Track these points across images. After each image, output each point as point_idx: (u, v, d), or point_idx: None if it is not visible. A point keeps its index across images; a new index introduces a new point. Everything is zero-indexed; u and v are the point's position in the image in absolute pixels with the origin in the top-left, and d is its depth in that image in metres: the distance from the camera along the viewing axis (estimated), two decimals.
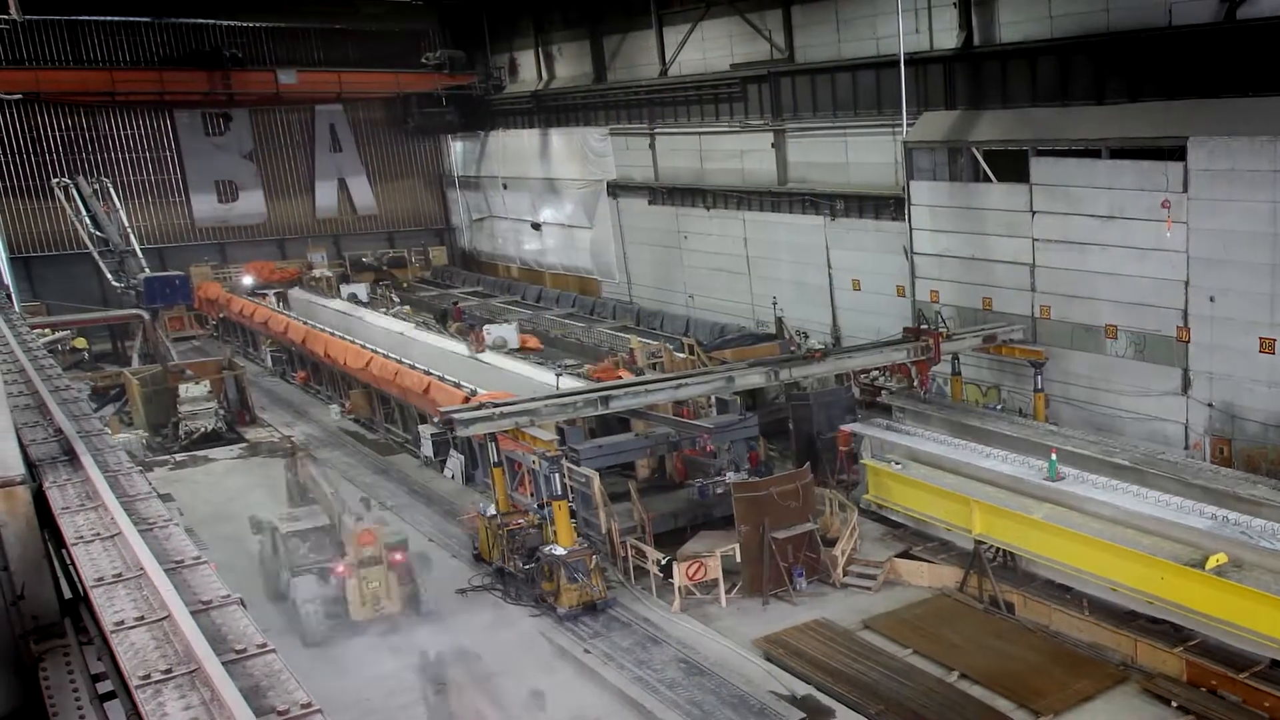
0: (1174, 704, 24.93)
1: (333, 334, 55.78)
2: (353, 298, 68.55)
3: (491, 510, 33.86)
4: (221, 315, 71.30)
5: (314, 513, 33.41)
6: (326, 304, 66.10)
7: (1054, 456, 30.74)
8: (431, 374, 44.43)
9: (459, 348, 50.80)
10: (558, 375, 40.96)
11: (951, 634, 28.75)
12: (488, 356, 48.38)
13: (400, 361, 47.58)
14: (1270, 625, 24.36)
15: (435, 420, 43.69)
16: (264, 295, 69.88)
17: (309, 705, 8.05)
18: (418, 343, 53.05)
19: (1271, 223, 31.68)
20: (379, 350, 50.26)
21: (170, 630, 9.40)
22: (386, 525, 33.15)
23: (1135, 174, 35.32)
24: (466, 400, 39.85)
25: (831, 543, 33.12)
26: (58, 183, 64.67)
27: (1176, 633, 26.80)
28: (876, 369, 39.65)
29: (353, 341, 53.33)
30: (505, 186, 78.99)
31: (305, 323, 59.20)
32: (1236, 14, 33.11)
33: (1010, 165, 39.54)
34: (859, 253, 48.45)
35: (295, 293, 70.38)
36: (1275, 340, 32.21)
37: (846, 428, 38.39)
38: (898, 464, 34.59)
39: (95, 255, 64.15)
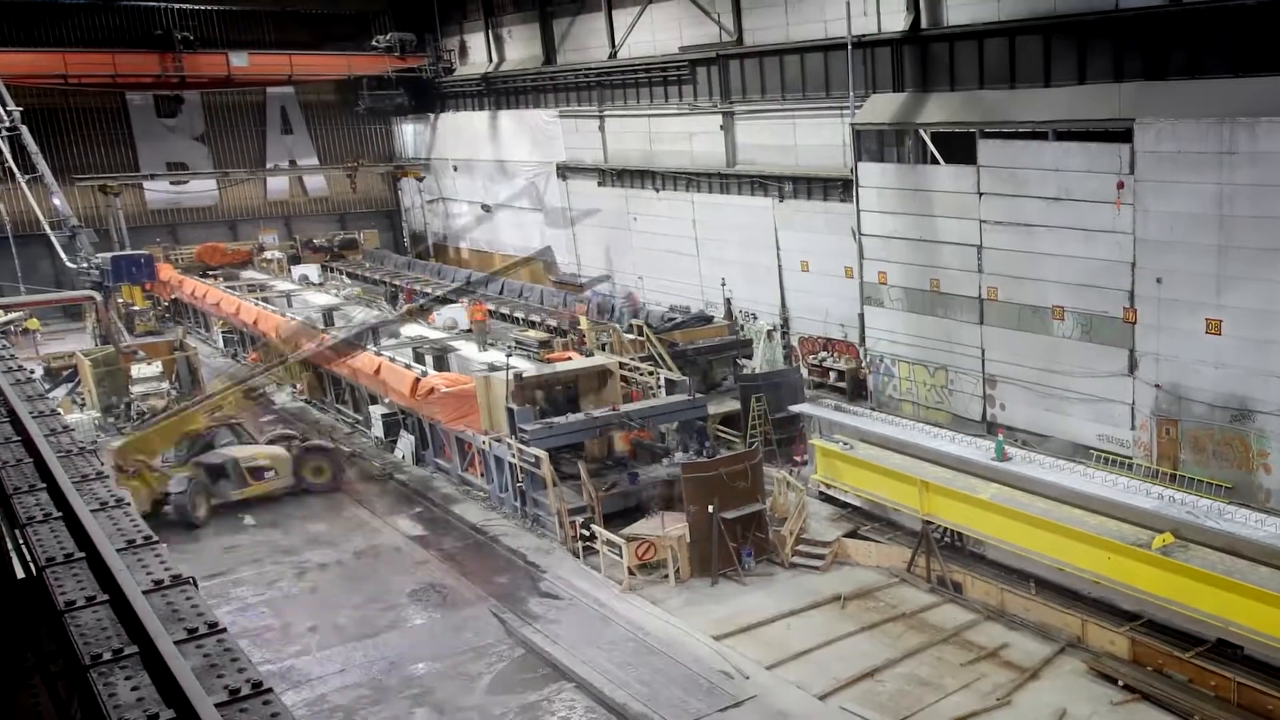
0: (1120, 683, 24.68)
1: (284, 315, 55.16)
2: (304, 279, 68.24)
3: None
4: (173, 296, 70.77)
5: None
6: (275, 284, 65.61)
7: (1000, 437, 30.45)
8: (382, 355, 43.88)
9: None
10: (507, 356, 40.59)
11: None
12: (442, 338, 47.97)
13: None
14: (1215, 604, 24.08)
15: (386, 400, 43.43)
16: (215, 277, 69.46)
17: (259, 684, 7.83)
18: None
19: (1218, 205, 31.37)
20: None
21: (122, 610, 9.06)
22: None
23: (1082, 156, 34.97)
24: (417, 382, 39.54)
25: (780, 523, 32.84)
26: None
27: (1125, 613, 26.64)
28: None
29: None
30: (456, 169, 78.48)
31: (257, 304, 58.53)
32: None
33: (958, 147, 39.07)
34: (807, 234, 48.03)
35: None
36: (1221, 321, 31.96)
37: (795, 408, 38.18)
38: (846, 444, 34.27)
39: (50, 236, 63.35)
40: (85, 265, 57.96)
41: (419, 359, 42.33)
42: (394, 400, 42.67)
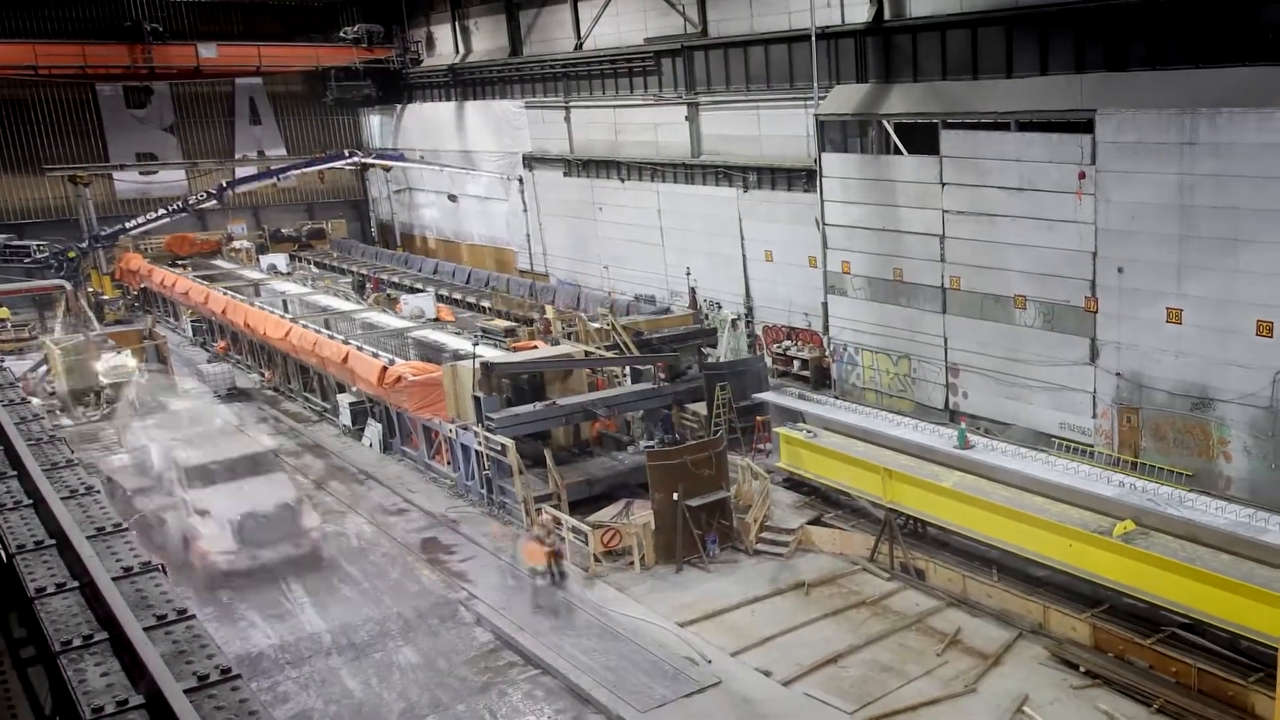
0: (1082, 669, 24.50)
1: (252, 304, 54.83)
2: (272, 268, 67.97)
3: None
4: (143, 285, 70.22)
5: None
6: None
7: (963, 425, 30.29)
8: (350, 344, 43.59)
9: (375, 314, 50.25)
10: (474, 345, 40.27)
11: None
12: (410, 327, 47.67)
13: (319, 332, 46.69)
14: (1176, 591, 23.91)
15: (353, 389, 43.14)
16: (184, 267, 69.07)
17: (228, 670, 7.95)
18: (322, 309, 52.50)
19: (1179, 195, 31.20)
20: (302, 321, 49.55)
21: (92, 596, 9.24)
22: None
23: (1044, 146, 34.76)
24: (384, 370, 39.22)
25: (745, 510, 32.57)
26: None
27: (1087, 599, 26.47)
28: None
29: (272, 312, 52.55)
30: (422, 159, 78.00)
31: (225, 293, 58.05)
32: None
33: (921, 138, 38.85)
34: (771, 224, 47.74)
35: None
36: (1182, 311, 31.82)
37: (760, 396, 38.01)
38: (810, 432, 34.07)
39: None
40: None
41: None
42: (361, 389, 42.36)
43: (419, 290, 60.52)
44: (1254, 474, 31.12)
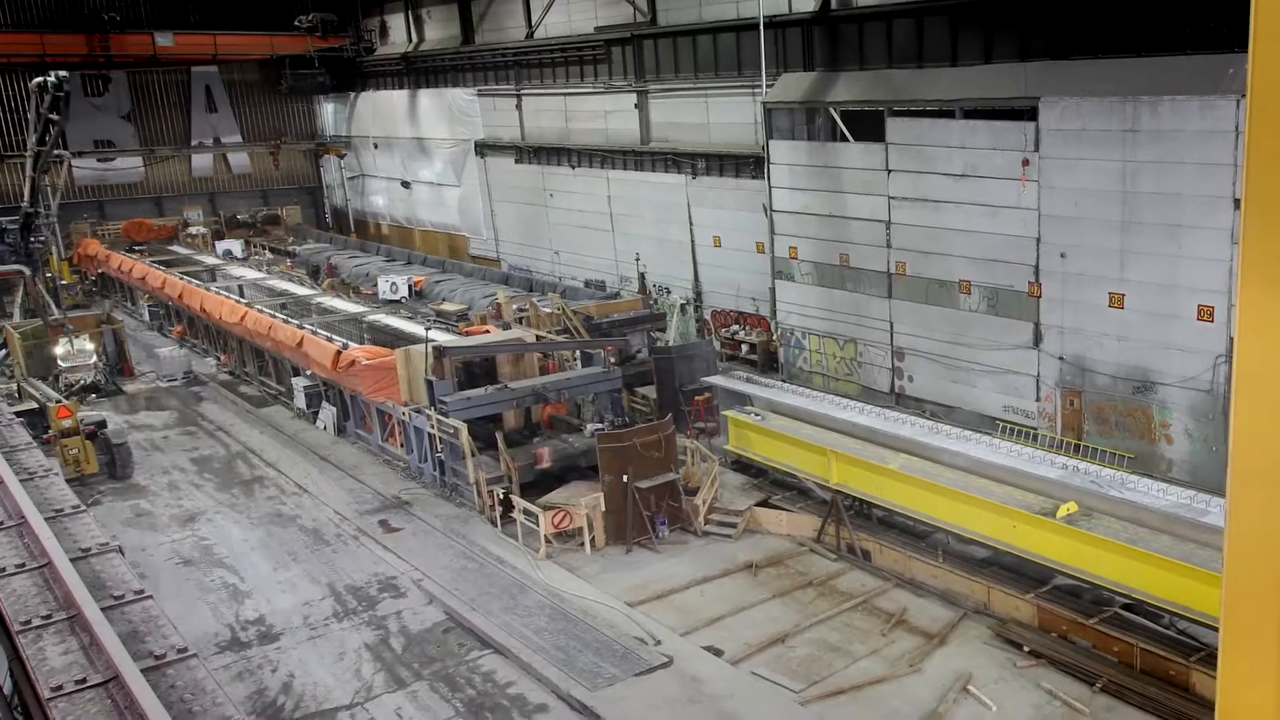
0: (1025, 649, 24.24)
1: (208, 289, 54.23)
2: (228, 254, 67.46)
3: None
4: (100, 271, 69.61)
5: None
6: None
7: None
8: (305, 328, 43.04)
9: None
10: (426, 329, 39.85)
11: None
12: (364, 312, 47.18)
13: (274, 316, 46.13)
14: (1118, 571, 23.75)
15: (307, 373, 42.67)
16: (141, 252, 68.50)
17: (184, 649, 8.27)
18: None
19: (1121, 181, 31.01)
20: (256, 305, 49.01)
21: (50, 577, 9.60)
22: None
23: (988, 134, 34.49)
24: (339, 355, 38.78)
25: (693, 492, 32.24)
26: None
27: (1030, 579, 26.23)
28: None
29: (227, 296, 51.99)
30: (376, 146, 77.58)
31: (181, 278, 57.33)
32: None
33: (867, 125, 38.47)
34: (720, 210, 47.34)
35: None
36: (1124, 295, 31.64)
37: (708, 380, 37.73)
38: (757, 415, 33.76)
39: None
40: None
41: None
42: (315, 372, 41.84)
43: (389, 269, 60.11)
44: (1195, 457, 30.98)
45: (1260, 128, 7.54)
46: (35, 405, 38.41)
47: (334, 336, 41.51)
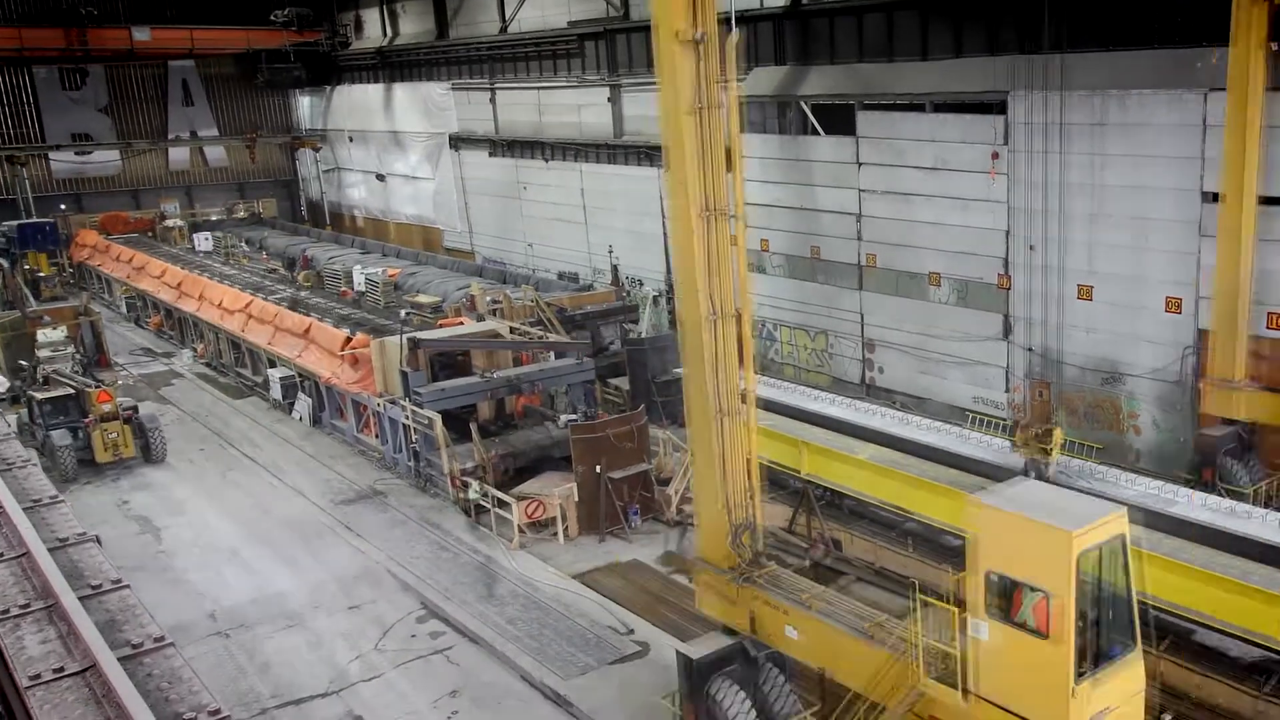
0: None
1: (211, 278, 54.48)
2: (205, 251, 67.18)
3: None
4: (80, 262, 69.93)
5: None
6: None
7: None
8: (311, 315, 43.59)
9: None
10: (402, 322, 39.67)
11: None
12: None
13: (280, 304, 46.60)
14: None
15: (282, 363, 42.50)
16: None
17: (161, 638, 8.24)
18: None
19: (1089, 174, 30.86)
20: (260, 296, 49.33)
21: (28, 566, 9.56)
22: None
23: (958, 127, 34.26)
24: (349, 340, 39.14)
25: (666, 482, 32.13)
26: None
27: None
28: None
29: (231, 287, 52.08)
30: (351, 140, 77.12)
31: (184, 268, 57.54)
32: None
33: (838, 119, 38.17)
34: None
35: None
36: (1093, 287, 31.50)
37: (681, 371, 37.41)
38: None
39: None
40: None
41: None
42: (318, 359, 41.51)
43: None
44: (1162, 447, 30.86)
45: None
46: (71, 390, 38.52)
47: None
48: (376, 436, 37.63)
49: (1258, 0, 26.13)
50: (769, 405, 32.55)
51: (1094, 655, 14.04)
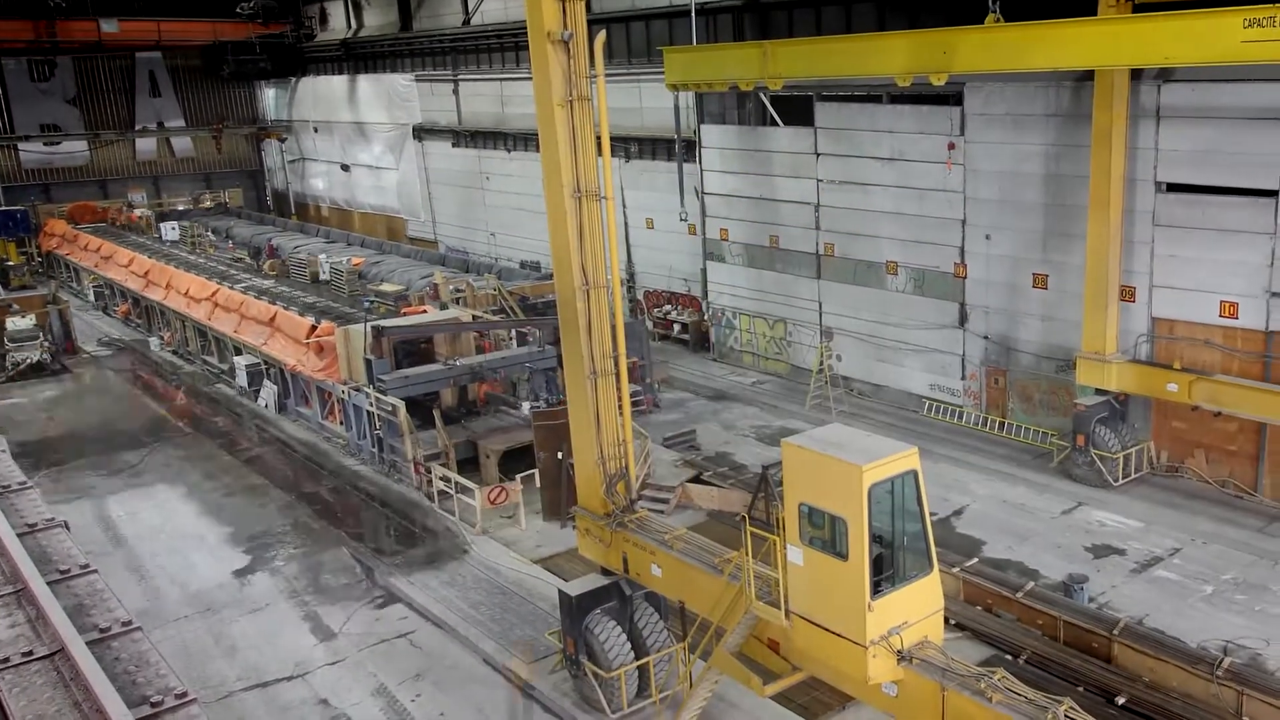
0: (952, 621, 23.84)
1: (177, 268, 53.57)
2: (172, 240, 66.61)
3: None
4: (49, 250, 69.30)
5: None
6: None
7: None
8: (277, 303, 42.96)
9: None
10: (366, 309, 39.24)
11: None
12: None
13: (246, 292, 45.99)
14: None
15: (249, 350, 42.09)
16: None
17: (129, 623, 8.32)
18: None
19: (1044, 164, 30.69)
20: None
21: None
22: None
23: (915, 118, 34.03)
24: (314, 328, 38.67)
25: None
26: None
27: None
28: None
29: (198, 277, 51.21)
30: (316, 130, 76.62)
31: (151, 257, 56.82)
32: None
33: (796, 110, 37.93)
34: (652, 193, 46.65)
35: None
36: (1047, 276, 31.34)
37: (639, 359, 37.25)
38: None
39: None
40: None
41: None
42: (282, 346, 41.03)
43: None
44: None
45: None
46: None
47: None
48: (341, 423, 37.23)
49: None
50: None
51: (891, 576, 15.41)
